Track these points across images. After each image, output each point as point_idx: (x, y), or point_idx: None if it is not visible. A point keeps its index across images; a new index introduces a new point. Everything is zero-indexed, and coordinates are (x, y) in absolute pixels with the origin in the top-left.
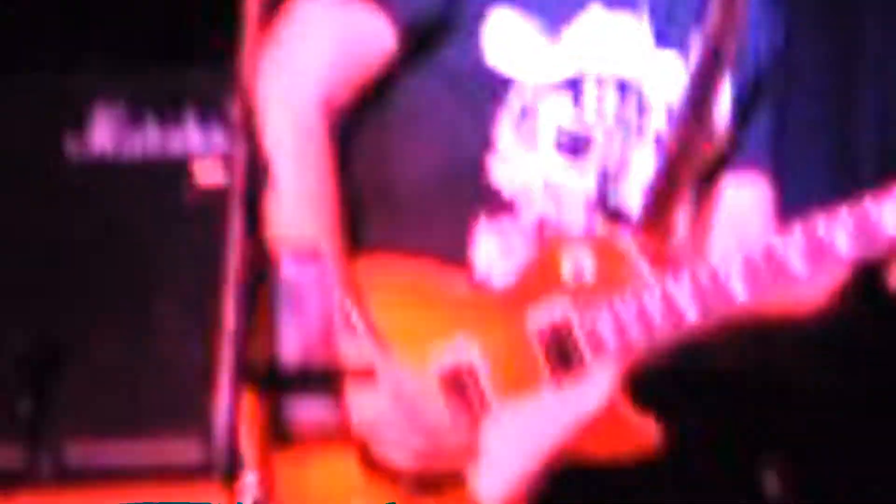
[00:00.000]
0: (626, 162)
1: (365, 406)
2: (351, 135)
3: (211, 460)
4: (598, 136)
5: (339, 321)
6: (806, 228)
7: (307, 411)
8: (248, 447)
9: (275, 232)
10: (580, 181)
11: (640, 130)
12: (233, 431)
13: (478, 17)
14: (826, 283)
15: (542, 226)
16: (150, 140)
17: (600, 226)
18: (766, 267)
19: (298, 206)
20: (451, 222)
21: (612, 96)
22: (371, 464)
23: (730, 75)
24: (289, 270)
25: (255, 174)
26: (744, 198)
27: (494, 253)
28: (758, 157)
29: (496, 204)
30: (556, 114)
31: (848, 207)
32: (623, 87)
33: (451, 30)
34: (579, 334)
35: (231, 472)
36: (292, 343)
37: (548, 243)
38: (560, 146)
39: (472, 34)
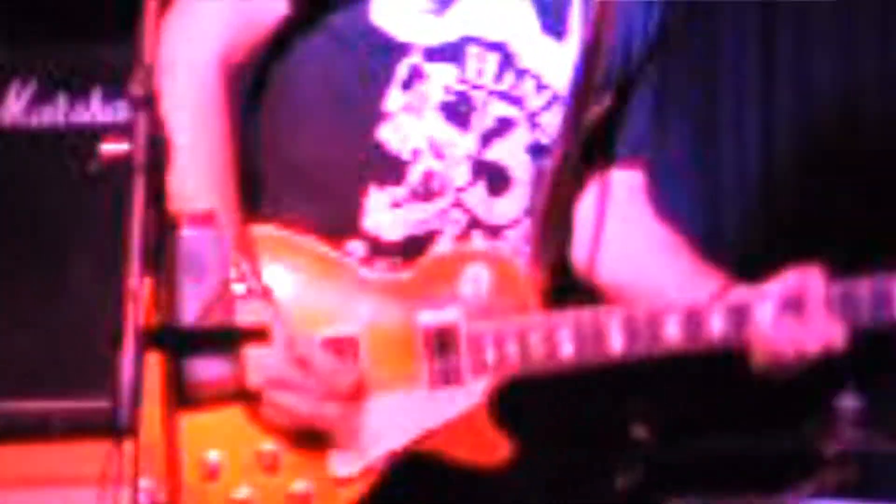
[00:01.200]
0: (505, 125)
1: (258, 364)
2: (250, 98)
3: (115, 419)
4: (480, 99)
5: (234, 282)
6: (687, 303)
7: (206, 370)
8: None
9: (172, 190)
10: (462, 140)
11: (519, 100)
12: (135, 392)
13: None
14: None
15: (428, 180)
16: (59, 113)
17: (482, 191)
18: (645, 329)
19: (195, 162)
20: (344, 182)
21: (492, 63)
22: (255, 420)
23: (608, 66)
24: (187, 234)
25: (157, 143)
26: (624, 187)
27: (384, 208)
28: (636, 145)
29: (386, 162)
30: (441, 77)
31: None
32: (506, 58)
33: None
34: (463, 342)
35: (133, 430)
36: (191, 304)
37: (454, 251)
38: (444, 107)
39: (371, 8)
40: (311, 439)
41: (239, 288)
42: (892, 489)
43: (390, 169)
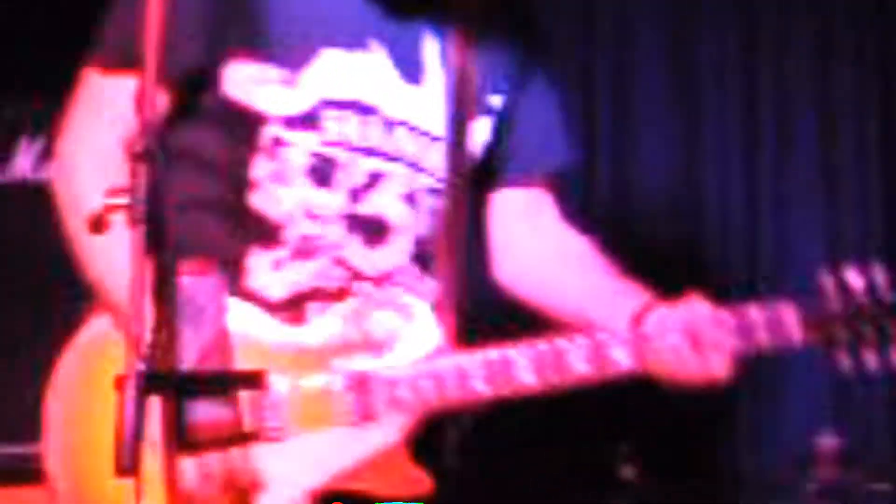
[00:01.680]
0: (378, 177)
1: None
2: None
3: (119, 460)
4: (345, 158)
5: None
6: (590, 339)
7: (203, 413)
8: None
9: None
10: (332, 199)
11: (391, 151)
12: (136, 432)
13: (225, 66)
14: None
15: (305, 242)
16: None
17: (359, 245)
18: (552, 364)
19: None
20: (227, 248)
21: (353, 121)
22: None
23: (481, 96)
24: (186, 281)
25: (156, 195)
26: (525, 205)
27: (267, 270)
28: (529, 163)
29: (263, 227)
30: (303, 143)
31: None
32: (368, 112)
33: (208, 78)
34: (380, 386)
35: (135, 472)
36: (189, 349)
37: (363, 307)
38: (310, 172)
39: (223, 81)
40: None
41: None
42: None
43: (267, 233)
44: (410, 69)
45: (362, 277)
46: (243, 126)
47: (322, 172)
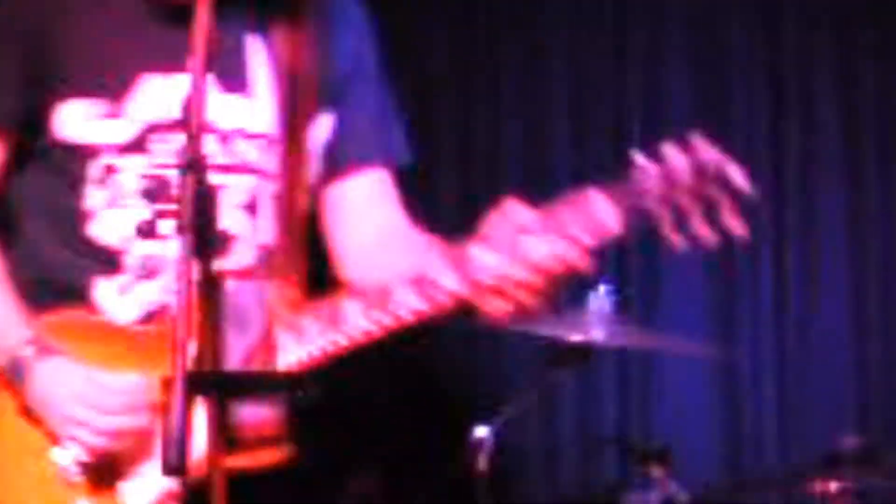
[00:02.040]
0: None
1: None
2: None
3: (167, 459)
4: (176, 177)
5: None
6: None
7: (249, 414)
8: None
9: None
10: (167, 218)
11: (224, 162)
12: (184, 433)
13: (52, 108)
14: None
15: (145, 263)
16: None
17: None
18: (378, 300)
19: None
20: (77, 278)
21: (181, 140)
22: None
23: (314, 94)
24: (231, 286)
25: (202, 202)
26: (364, 191)
27: (114, 295)
28: (363, 153)
29: (103, 255)
30: (134, 168)
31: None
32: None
33: (38, 123)
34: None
35: (182, 469)
36: (235, 352)
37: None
38: (144, 194)
39: (53, 123)
40: (104, 475)
41: None
42: None
43: (108, 261)
44: (235, 79)
45: None
46: (76, 161)
47: (155, 193)
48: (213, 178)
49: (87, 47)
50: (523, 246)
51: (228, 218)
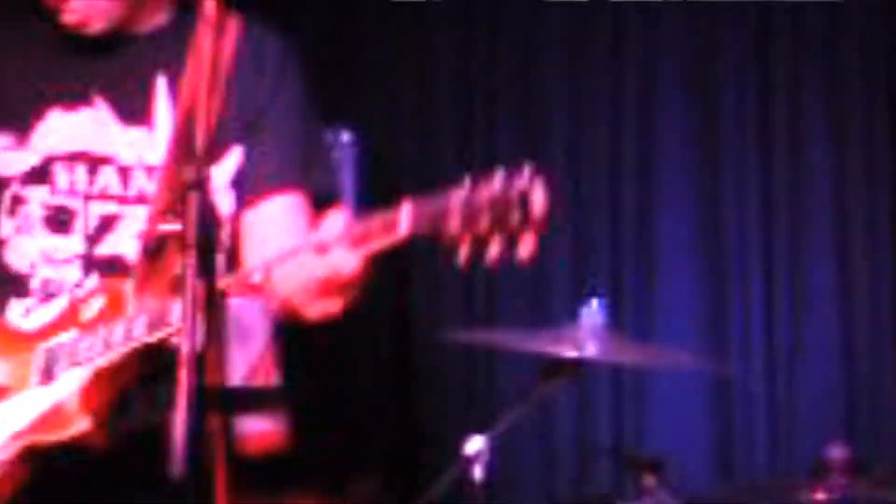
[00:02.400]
0: (112, 219)
1: None
2: None
3: (174, 470)
4: (76, 206)
5: None
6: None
7: (251, 426)
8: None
9: None
10: (68, 244)
11: (124, 194)
12: (191, 445)
13: None
14: None
15: (46, 286)
16: None
17: (95, 278)
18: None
19: None
20: None
21: (82, 172)
22: None
23: (229, 129)
24: (235, 302)
25: (207, 222)
26: (278, 212)
27: (19, 317)
28: (276, 177)
29: (13, 280)
30: (38, 196)
31: None
32: (93, 163)
33: None
34: (63, 350)
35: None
36: (238, 366)
37: (85, 292)
38: (46, 221)
39: None
40: None
41: None
42: None
43: (17, 284)
44: (138, 115)
45: None
46: None
47: (57, 221)
48: (113, 209)
49: (1, 86)
50: (334, 254)
51: (126, 246)
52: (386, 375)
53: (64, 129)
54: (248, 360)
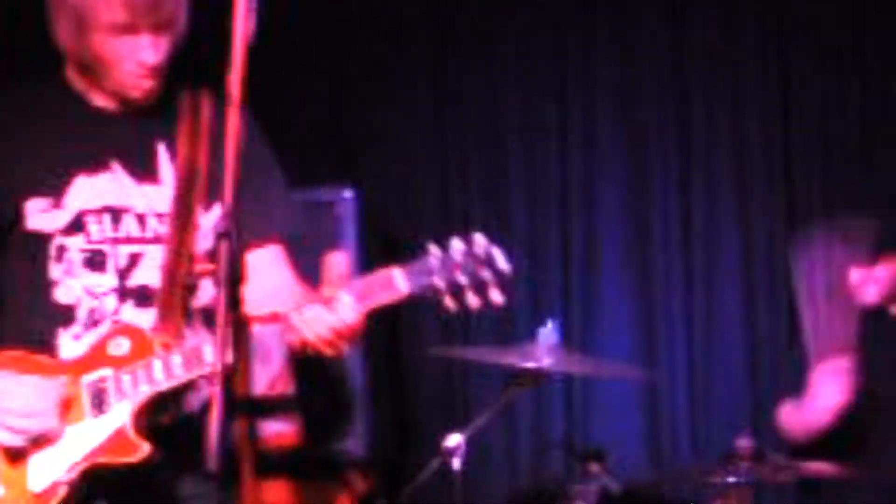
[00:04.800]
0: (137, 257)
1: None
2: None
3: (209, 464)
4: (107, 249)
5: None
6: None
7: (271, 428)
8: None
9: None
10: (104, 280)
11: (143, 236)
12: (223, 444)
13: (21, 207)
14: None
15: (91, 315)
16: None
17: (131, 308)
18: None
19: None
20: (44, 328)
21: (108, 221)
22: None
23: (210, 188)
24: (257, 329)
25: (235, 264)
26: (265, 259)
27: (70, 341)
28: (265, 229)
29: (64, 312)
30: (76, 244)
31: None
32: (116, 213)
33: (13, 218)
34: (110, 385)
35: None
36: (260, 380)
37: (105, 333)
38: (86, 263)
39: (21, 218)
40: (14, 458)
41: None
42: None
43: (67, 316)
44: (147, 172)
45: None
46: (38, 244)
47: (95, 262)
48: (136, 249)
49: (40, 157)
50: (341, 308)
51: (150, 278)
52: (379, 384)
53: (89, 189)
54: (268, 375)
